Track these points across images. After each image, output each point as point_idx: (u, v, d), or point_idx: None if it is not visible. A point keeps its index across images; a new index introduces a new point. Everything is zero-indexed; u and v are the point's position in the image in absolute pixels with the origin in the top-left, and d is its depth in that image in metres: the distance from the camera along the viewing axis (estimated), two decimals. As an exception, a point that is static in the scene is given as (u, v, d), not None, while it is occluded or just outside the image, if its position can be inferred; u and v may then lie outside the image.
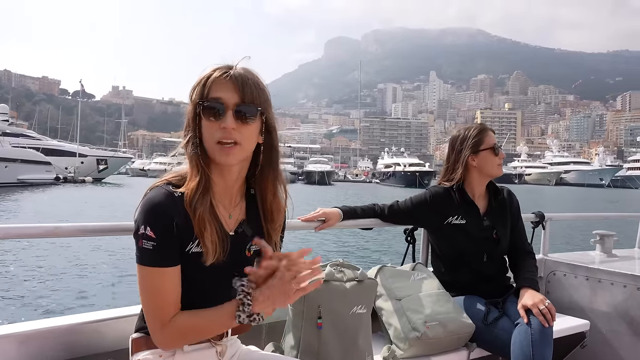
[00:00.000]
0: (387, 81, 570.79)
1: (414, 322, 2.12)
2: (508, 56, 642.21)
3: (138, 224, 1.25)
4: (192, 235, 1.27)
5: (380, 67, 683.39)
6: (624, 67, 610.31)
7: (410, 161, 78.54)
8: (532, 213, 3.08)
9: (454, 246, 2.45)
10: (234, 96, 1.26)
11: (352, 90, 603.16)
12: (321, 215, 2.23)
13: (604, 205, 38.44)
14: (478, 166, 2.44)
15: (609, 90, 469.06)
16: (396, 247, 11.10)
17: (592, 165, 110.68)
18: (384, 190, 61.11)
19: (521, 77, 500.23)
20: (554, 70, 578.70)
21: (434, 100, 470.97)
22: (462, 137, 2.49)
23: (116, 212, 20.12)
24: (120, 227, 1.64)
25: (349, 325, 1.87)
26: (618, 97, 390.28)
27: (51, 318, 1.63)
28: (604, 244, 3.45)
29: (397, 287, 2.28)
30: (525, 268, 2.42)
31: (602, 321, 2.87)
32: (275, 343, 1.94)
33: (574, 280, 3.04)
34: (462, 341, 2.22)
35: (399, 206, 2.49)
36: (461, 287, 2.43)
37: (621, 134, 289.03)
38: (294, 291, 1.21)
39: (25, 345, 1.52)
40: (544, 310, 2.09)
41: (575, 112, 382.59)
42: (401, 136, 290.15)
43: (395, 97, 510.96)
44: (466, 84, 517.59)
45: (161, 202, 1.24)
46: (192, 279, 1.31)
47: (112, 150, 70.44)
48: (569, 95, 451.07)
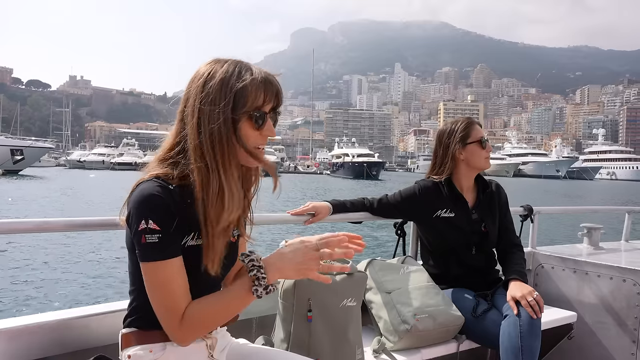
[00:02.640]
0: (353, 73, 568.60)
1: (403, 315, 2.14)
2: (473, 49, 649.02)
3: (137, 220, 1.19)
4: (188, 228, 1.26)
5: (346, 59, 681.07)
6: (583, 62, 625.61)
7: (359, 151, 74.26)
8: (520, 207, 3.09)
9: (443, 239, 2.47)
10: (271, 104, 1.28)
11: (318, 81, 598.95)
12: (311, 209, 2.22)
13: (561, 200, 35.81)
14: (466, 159, 2.45)
15: (569, 84, 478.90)
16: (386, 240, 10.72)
17: (549, 157, 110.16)
18: (332, 181, 57.35)
19: (485, 70, 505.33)
20: (517, 63, 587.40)
21: (398, 92, 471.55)
22: (449, 131, 2.49)
23: (27, 211, 17.58)
24: (110, 221, 1.61)
25: (339, 318, 1.88)
26: (577, 90, 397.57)
27: (40, 314, 1.61)
28: (591, 237, 3.48)
29: (387, 280, 2.29)
30: (514, 261, 2.44)
31: (589, 313, 2.91)
32: (265, 336, 1.96)
33: (561, 272, 3.08)
34: (451, 333, 2.24)
35: (388, 200, 2.49)
36: (450, 279, 2.45)
37: (580, 126, 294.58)
38: (318, 265, 1.23)
39: (13, 341, 1.50)
40: (532, 302, 2.11)
41: (537, 104, 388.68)
42: (364, 127, 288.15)
43: (361, 88, 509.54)
44: (431, 76, 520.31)
45: (157, 193, 1.21)
46: (188, 272, 1.28)
47: (46, 141, 64.75)
48: (531, 88, 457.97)
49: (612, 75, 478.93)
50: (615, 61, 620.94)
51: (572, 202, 35.14)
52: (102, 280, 8.29)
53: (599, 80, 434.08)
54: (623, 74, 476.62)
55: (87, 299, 7.20)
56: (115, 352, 1.38)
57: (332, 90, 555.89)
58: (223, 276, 1.38)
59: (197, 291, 1.28)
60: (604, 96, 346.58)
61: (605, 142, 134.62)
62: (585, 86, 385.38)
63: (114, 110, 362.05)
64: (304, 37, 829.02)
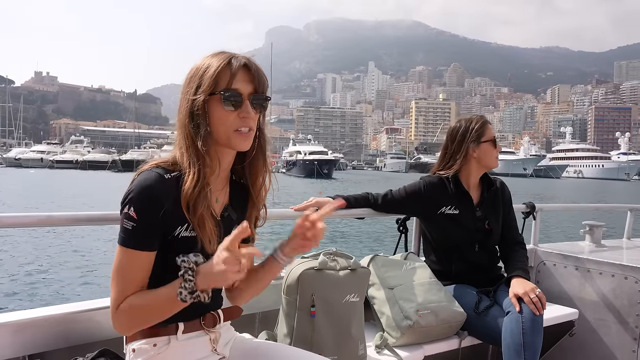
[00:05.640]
0: (327, 71, 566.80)
1: (406, 311, 2.14)
2: (446, 48, 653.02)
3: (122, 203, 1.25)
4: (181, 219, 1.27)
5: (321, 57, 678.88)
6: (554, 62, 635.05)
7: (312, 149, 69.41)
8: (523, 204, 3.12)
9: (446, 236, 2.49)
10: (250, 86, 1.29)
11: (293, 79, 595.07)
12: (314, 204, 2.24)
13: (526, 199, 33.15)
14: (478, 157, 2.48)
15: (541, 83, 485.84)
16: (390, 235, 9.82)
17: (517, 155, 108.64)
18: (282, 181, 53.54)
19: (459, 69, 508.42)
20: (490, 63, 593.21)
21: (372, 91, 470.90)
22: (464, 129, 2.50)
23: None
24: (115, 215, 1.55)
25: (342, 313, 1.89)
26: (548, 90, 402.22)
27: (45, 307, 1.62)
28: (593, 235, 3.50)
29: (390, 276, 2.30)
30: (516, 258, 2.46)
31: (590, 310, 2.94)
32: (268, 331, 1.97)
33: (563, 270, 3.10)
34: (453, 329, 2.25)
35: (393, 195, 2.50)
36: (453, 276, 2.47)
37: (550, 125, 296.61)
38: (236, 271, 1.19)
39: (19, 334, 1.52)
40: (534, 298, 2.13)
41: (508, 103, 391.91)
42: (336, 126, 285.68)
43: (335, 87, 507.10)
44: (405, 75, 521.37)
45: (151, 186, 1.24)
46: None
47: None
48: (503, 87, 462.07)
49: (581, 76, 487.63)
50: (584, 62, 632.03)
51: (536, 202, 32.81)
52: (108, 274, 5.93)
53: (569, 80, 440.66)
54: (592, 74, 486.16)
55: (91, 293, 7.13)
56: (120, 346, 1.39)
57: (306, 89, 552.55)
58: None
59: None
60: (573, 96, 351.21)
61: (573, 140, 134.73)
62: (556, 86, 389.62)
63: (81, 108, 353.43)
64: (279, 35, 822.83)
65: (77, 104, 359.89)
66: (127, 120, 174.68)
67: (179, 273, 1.19)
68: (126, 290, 1.25)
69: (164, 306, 1.24)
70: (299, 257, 1.98)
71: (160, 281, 1.26)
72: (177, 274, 1.21)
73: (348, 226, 14.18)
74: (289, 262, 1.40)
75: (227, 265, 1.15)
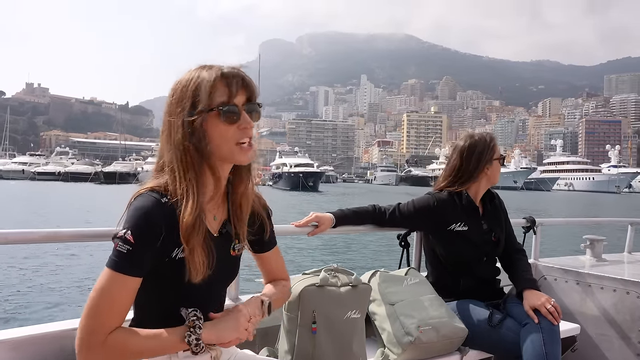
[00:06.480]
0: (320, 84, 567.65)
1: (407, 327, 2.14)
2: (438, 62, 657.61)
3: (121, 226, 1.24)
4: (178, 241, 1.26)
5: (314, 70, 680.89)
6: (545, 75, 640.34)
7: (298, 161, 68.53)
8: (523, 218, 3.10)
9: (456, 252, 2.47)
10: (243, 96, 1.28)
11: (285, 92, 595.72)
12: (314, 219, 2.25)
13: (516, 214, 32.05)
14: (489, 175, 2.50)
15: (532, 97, 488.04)
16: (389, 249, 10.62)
17: (507, 168, 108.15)
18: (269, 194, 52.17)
19: (450, 82, 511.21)
20: (481, 76, 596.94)
21: (365, 104, 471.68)
22: (481, 147, 2.49)
23: None
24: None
25: (343, 330, 1.89)
26: (540, 103, 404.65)
27: (43, 324, 1.62)
28: (594, 249, 3.48)
29: (391, 292, 2.29)
30: (522, 268, 2.50)
31: (592, 325, 2.92)
32: (269, 348, 1.97)
33: (564, 284, 3.09)
34: (455, 345, 2.23)
35: (401, 210, 2.48)
36: (460, 291, 2.45)
37: (541, 138, 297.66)
38: (243, 335, 1.28)
39: (17, 351, 1.51)
40: (551, 309, 2.17)
41: (500, 116, 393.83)
42: (327, 138, 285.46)
43: (327, 100, 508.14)
44: (397, 88, 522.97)
45: (149, 211, 1.22)
46: (178, 284, 1.29)
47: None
48: (495, 100, 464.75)
49: (572, 89, 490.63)
50: (575, 75, 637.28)
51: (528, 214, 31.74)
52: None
53: (560, 93, 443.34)
54: (582, 87, 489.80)
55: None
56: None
57: (299, 102, 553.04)
58: (219, 291, 1.43)
59: (189, 304, 1.28)
60: (564, 109, 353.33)
61: (563, 153, 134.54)
62: (547, 99, 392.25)
63: (72, 119, 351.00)
64: (272, 48, 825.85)
65: (68, 116, 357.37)
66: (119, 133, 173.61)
67: (190, 319, 1.24)
68: (110, 316, 1.20)
69: (165, 346, 1.24)
70: (301, 272, 2.00)
71: (146, 308, 1.30)
72: (178, 293, 1.28)
73: (347, 240, 14.15)
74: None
75: (239, 327, 1.28)
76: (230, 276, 1.44)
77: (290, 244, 12.56)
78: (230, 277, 1.44)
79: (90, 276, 9.16)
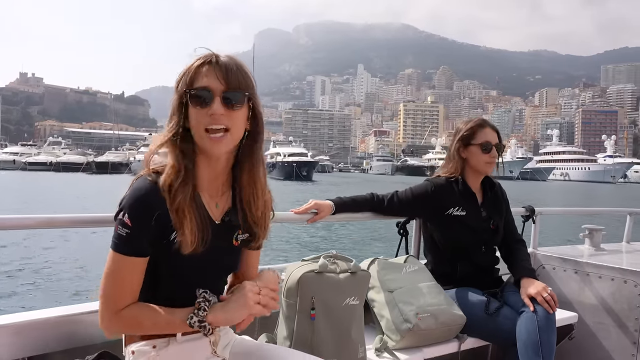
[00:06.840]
0: (317, 74, 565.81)
1: (405, 314, 2.15)
2: (435, 51, 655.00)
3: (118, 209, 1.27)
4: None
5: (310, 60, 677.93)
6: (542, 65, 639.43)
7: (291, 150, 68.05)
8: (522, 207, 3.12)
9: (454, 237, 2.48)
10: (221, 83, 1.27)
11: (282, 82, 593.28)
12: (313, 206, 2.25)
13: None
14: (467, 159, 2.49)
15: (529, 87, 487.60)
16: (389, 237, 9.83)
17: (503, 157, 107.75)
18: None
19: (447, 72, 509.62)
20: (478, 66, 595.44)
21: (361, 94, 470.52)
22: (457, 130, 2.56)
23: None
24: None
25: (342, 316, 1.90)
26: (536, 93, 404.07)
27: (45, 309, 1.63)
28: (593, 238, 3.50)
29: (389, 279, 2.30)
30: (521, 257, 2.51)
31: (589, 314, 2.94)
32: (268, 334, 1.98)
33: (563, 273, 3.11)
34: (453, 332, 2.25)
35: (399, 197, 2.50)
36: (458, 278, 2.46)
37: (538, 128, 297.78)
38: (254, 310, 1.28)
39: (19, 335, 1.53)
40: (547, 297, 2.19)
41: (497, 106, 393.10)
42: (324, 128, 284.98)
43: (324, 89, 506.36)
44: (394, 77, 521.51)
45: (145, 193, 1.26)
46: (177, 267, 1.31)
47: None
48: (492, 90, 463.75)
49: (569, 79, 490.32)
50: (572, 65, 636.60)
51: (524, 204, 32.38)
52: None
53: (557, 83, 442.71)
54: (579, 77, 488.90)
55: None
56: (119, 348, 1.41)
57: (295, 91, 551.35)
58: (216, 280, 1.43)
59: (185, 290, 1.31)
60: (561, 99, 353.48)
61: (560, 143, 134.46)
62: (544, 89, 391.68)
63: (67, 109, 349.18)
64: (268, 37, 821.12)
65: (63, 106, 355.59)
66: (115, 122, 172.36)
67: (197, 301, 1.27)
68: (122, 296, 1.27)
69: (169, 324, 1.28)
70: (300, 259, 2.00)
71: (153, 289, 1.33)
72: (177, 277, 1.32)
73: (346, 228, 14.19)
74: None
75: (247, 303, 1.27)
76: (229, 266, 1.45)
77: (288, 230, 12.69)
78: (230, 267, 1.45)
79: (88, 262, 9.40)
